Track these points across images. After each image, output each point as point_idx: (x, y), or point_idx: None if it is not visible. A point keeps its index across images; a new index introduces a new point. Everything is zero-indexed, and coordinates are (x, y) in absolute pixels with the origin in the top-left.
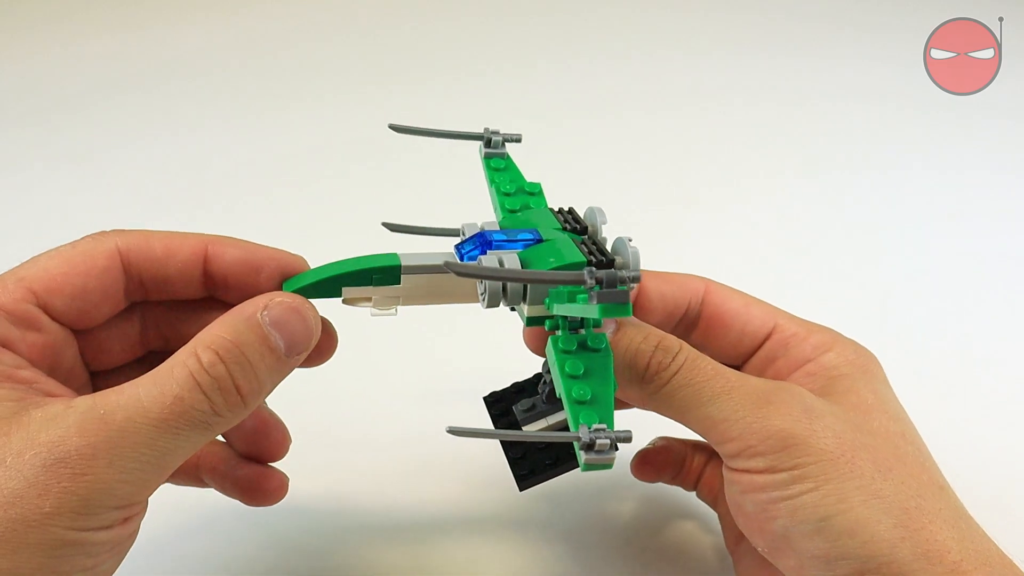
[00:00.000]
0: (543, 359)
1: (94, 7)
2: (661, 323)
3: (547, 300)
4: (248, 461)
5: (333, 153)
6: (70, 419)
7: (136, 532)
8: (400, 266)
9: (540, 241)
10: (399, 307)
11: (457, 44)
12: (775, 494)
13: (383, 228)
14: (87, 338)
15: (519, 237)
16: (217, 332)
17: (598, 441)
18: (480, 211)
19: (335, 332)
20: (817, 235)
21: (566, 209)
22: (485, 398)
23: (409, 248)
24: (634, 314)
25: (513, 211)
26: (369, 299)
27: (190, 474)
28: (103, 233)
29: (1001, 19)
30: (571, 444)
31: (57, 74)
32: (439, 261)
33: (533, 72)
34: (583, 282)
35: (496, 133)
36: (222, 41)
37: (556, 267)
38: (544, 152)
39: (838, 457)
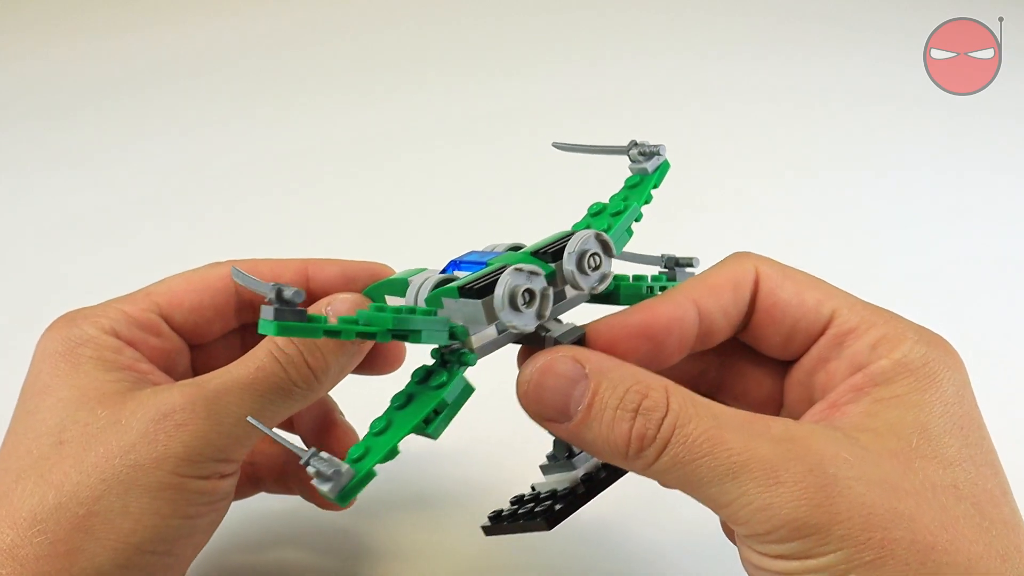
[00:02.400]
0: None
1: (94, 7)
2: (728, 337)
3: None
4: None
5: (335, 153)
6: (174, 388)
7: (230, 496)
8: (408, 280)
9: (483, 266)
10: None
11: (459, 44)
12: None
13: (385, 228)
14: (199, 352)
15: (485, 259)
16: None
17: (308, 466)
18: (484, 210)
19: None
20: (817, 235)
21: (575, 233)
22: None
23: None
24: (701, 340)
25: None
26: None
27: (280, 482)
28: (219, 262)
29: (1001, 19)
30: (545, 507)
31: (57, 74)
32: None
33: (534, 72)
34: (264, 294)
35: (640, 145)
36: (222, 41)
37: (438, 293)
38: (544, 153)
39: (865, 542)
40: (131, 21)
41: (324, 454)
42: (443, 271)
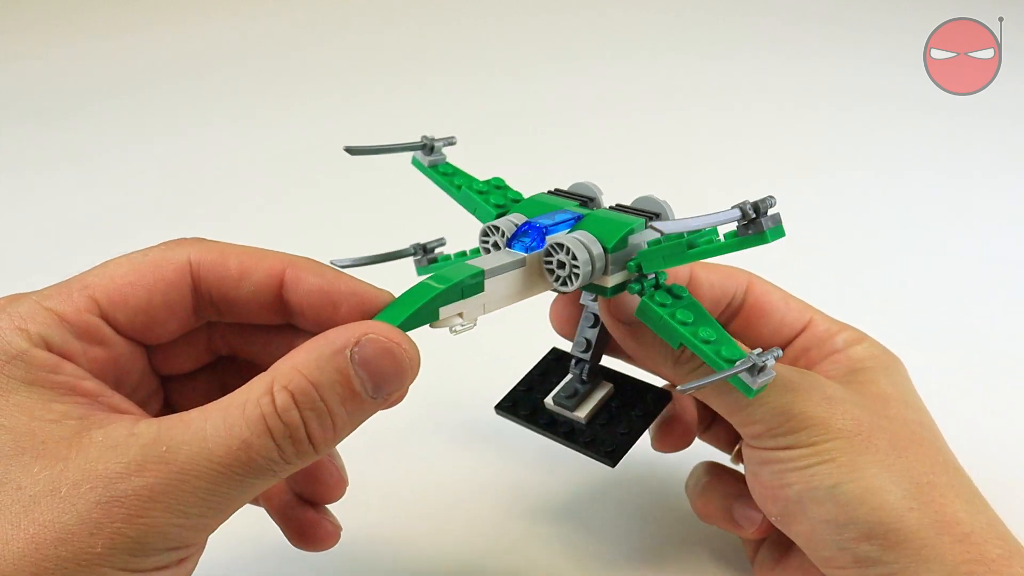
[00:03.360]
0: (551, 349)
1: (94, 7)
2: (708, 310)
3: (630, 264)
4: (302, 503)
5: (335, 153)
6: (131, 452)
7: (193, 569)
8: (484, 271)
9: (580, 218)
10: (480, 316)
11: (459, 44)
12: (791, 465)
13: (385, 228)
14: (155, 349)
15: (559, 219)
16: (298, 369)
17: (767, 364)
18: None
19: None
20: (817, 235)
21: (554, 190)
22: (498, 407)
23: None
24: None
25: (500, 206)
26: (460, 314)
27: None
28: (179, 242)
29: (1001, 19)
30: (636, 409)
31: (57, 74)
32: (514, 258)
33: (534, 73)
34: (744, 214)
35: (435, 139)
36: (222, 42)
37: (626, 232)
38: (544, 153)
39: (855, 435)
40: (131, 21)
41: (737, 356)
42: (528, 247)
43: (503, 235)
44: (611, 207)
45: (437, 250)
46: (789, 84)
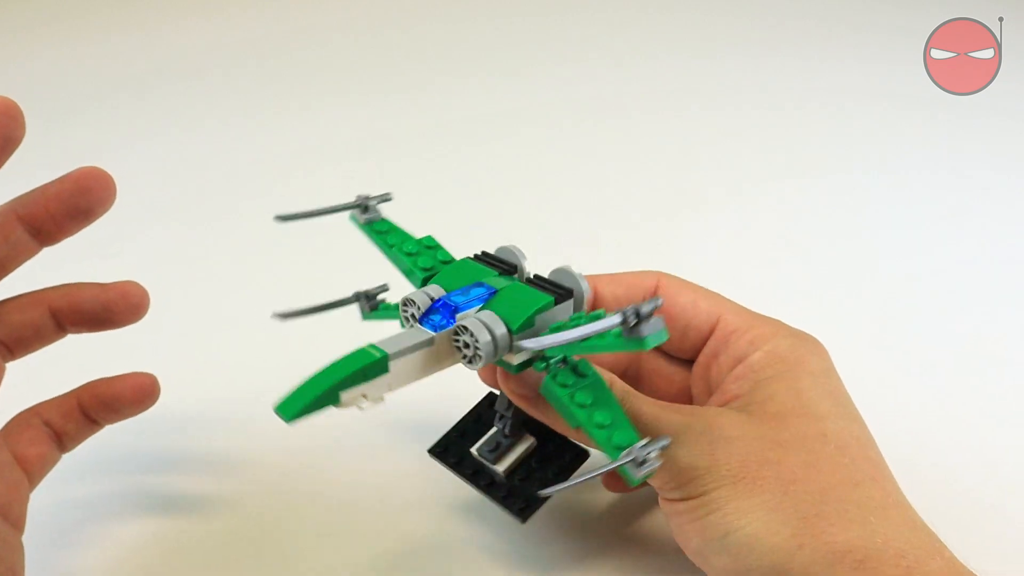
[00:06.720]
0: (487, 394)
1: (94, 7)
2: None
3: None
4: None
5: (336, 153)
6: None
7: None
8: (388, 355)
9: (494, 292)
10: (387, 394)
11: (459, 44)
12: (688, 517)
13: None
14: None
15: (472, 295)
16: None
17: (650, 456)
18: (481, 217)
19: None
20: (817, 236)
21: (480, 254)
22: (431, 450)
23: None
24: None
25: (427, 269)
26: (364, 396)
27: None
28: None
29: (1001, 19)
30: (553, 466)
31: (57, 74)
32: (422, 338)
33: (532, 74)
34: (624, 323)
35: (370, 198)
36: (223, 41)
37: (533, 312)
38: (541, 155)
39: (741, 479)
40: (131, 21)
41: (632, 442)
42: (438, 326)
43: (418, 309)
44: (529, 278)
45: (379, 296)
46: (789, 84)
